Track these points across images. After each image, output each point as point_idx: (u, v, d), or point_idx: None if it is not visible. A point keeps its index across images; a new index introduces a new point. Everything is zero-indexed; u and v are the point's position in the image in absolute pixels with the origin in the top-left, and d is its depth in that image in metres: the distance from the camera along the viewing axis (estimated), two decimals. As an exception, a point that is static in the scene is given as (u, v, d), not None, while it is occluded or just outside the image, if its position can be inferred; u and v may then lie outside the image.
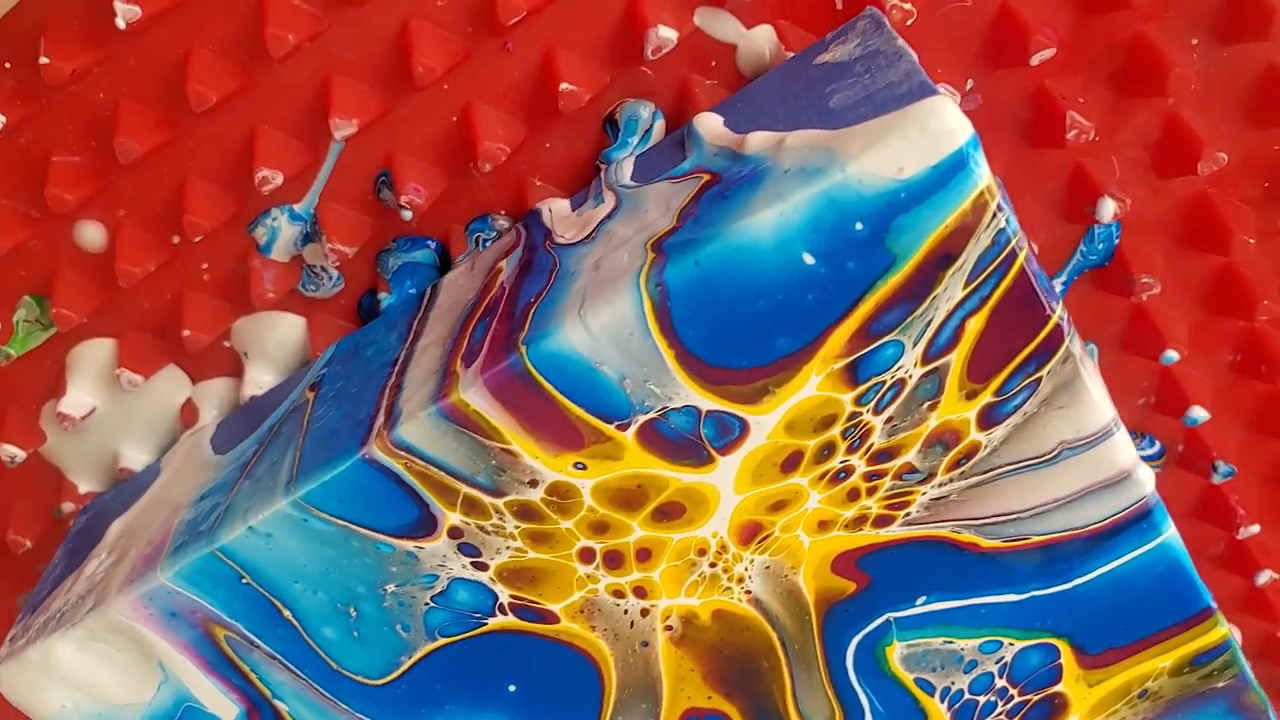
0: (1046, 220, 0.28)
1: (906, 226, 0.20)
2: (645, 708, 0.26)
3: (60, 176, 0.26)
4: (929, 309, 0.21)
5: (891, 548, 0.24)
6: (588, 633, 0.25)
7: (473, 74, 0.26)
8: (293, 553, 0.23)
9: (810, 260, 0.20)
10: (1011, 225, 0.20)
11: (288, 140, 0.26)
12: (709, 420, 0.22)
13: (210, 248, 0.28)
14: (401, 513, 0.23)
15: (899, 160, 0.19)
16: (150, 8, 0.24)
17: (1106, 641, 0.25)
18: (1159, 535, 0.24)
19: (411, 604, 0.24)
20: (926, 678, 0.26)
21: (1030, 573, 0.24)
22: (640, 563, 0.24)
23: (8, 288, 0.28)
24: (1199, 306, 0.30)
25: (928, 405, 0.22)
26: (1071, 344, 0.21)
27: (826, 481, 0.23)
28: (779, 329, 0.21)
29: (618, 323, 0.21)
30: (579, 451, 0.22)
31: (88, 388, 0.29)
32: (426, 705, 0.26)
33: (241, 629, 0.24)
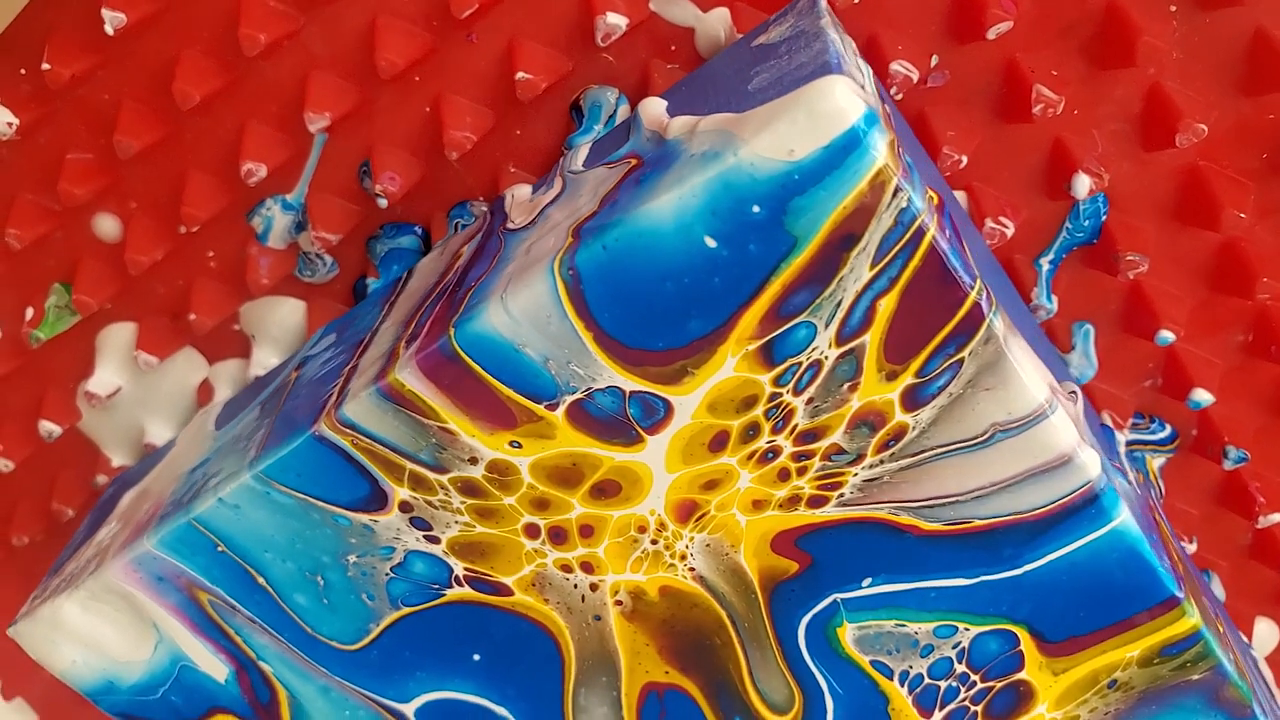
0: (1029, 197, 0.28)
1: (804, 208, 0.20)
2: (606, 681, 0.27)
3: (73, 172, 0.28)
4: (836, 290, 0.21)
5: (829, 528, 0.24)
6: (541, 605, 0.25)
7: (441, 66, 0.27)
8: (260, 524, 0.25)
9: (712, 243, 0.20)
10: (915, 204, 0.20)
11: (272, 134, 0.28)
12: (634, 400, 0.22)
13: (214, 236, 0.29)
14: (354, 487, 0.24)
15: (789, 142, 0.19)
16: (135, 14, 0.26)
17: (1067, 629, 0.25)
18: (1109, 521, 0.23)
19: (373, 574, 0.25)
20: (883, 660, 0.25)
21: (977, 557, 0.24)
22: (584, 539, 0.24)
23: (39, 276, 0.30)
24: (1200, 284, 0.28)
25: (847, 386, 0.22)
26: (993, 323, 0.21)
27: (755, 461, 0.23)
28: (690, 311, 0.21)
29: (535, 306, 0.21)
30: (513, 430, 0.23)
31: (114, 368, 0.31)
32: (397, 671, 0.27)
33: (222, 594, 0.26)
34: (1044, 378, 0.22)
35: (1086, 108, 0.26)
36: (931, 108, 0.27)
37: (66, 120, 0.28)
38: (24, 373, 0.32)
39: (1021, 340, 0.22)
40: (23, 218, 0.29)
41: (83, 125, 0.28)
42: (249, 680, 0.27)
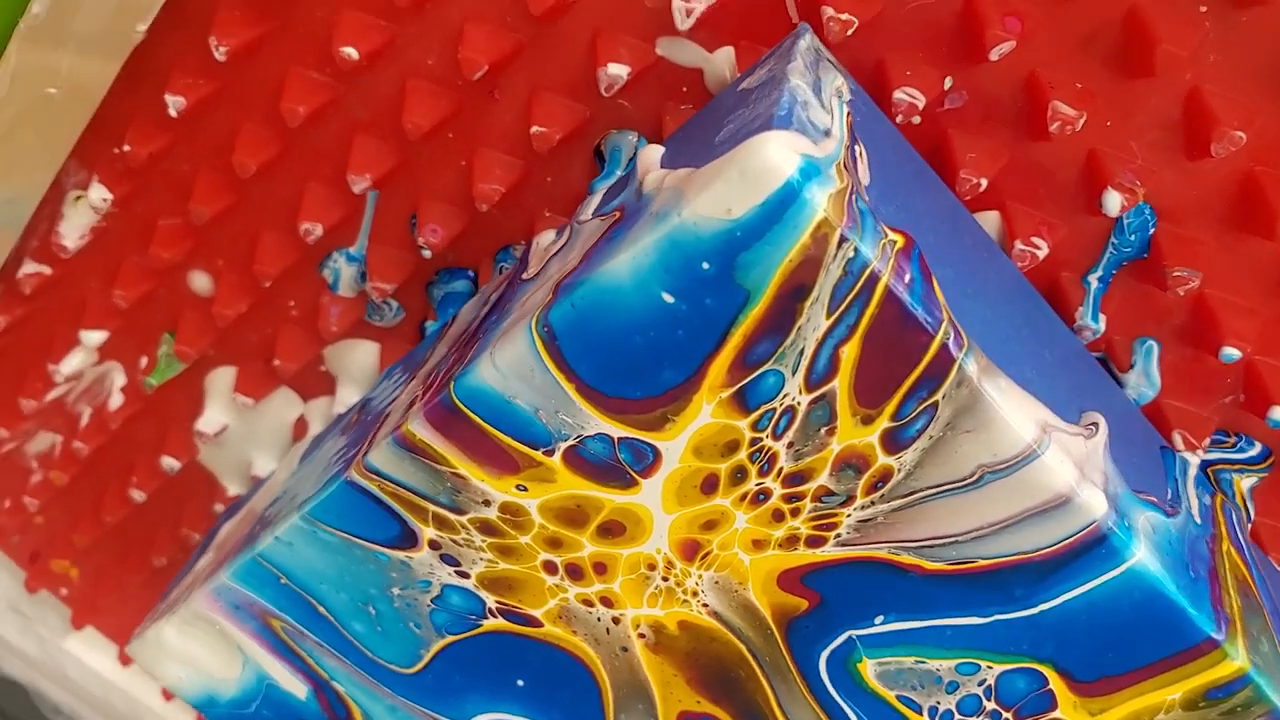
0: (1067, 214, 0.26)
1: (751, 263, 0.20)
2: (642, 708, 0.27)
3: (163, 237, 0.31)
4: (797, 339, 0.21)
5: (832, 567, 0.24)
6: (571, 636, 0.26)
7: (470, 123, 0.28)
8: (312, 559, 0.27)
9: (670, 299, 0.21)
10: (864, 253, 0.20)
11: (328, 194, 0.30)
12: (623, 446, 0.23)
13: (293, 288, 0.32)
14: (386, 527, 0.26)
15: (726, 201, 0.19)
16: (194, 95, 0.28)
17: (1098, 669, 0.24)
18: (1122, 562, 0.22)
19: (416, 604, 0.27)
20: (909, 695, 0.25)
21: (988, 597, 0.23)
22: (599, 575, 0.25)
23: (150, 328, 0.34)
24: (1274, 295, 0.26)
25: (824, 430, 0.22)
26: (964, 366, 0.20)
27: (748, 503, 0.23)
28: (661, 362, 0.22)
29: (518, 361, 0.22)
30: (517, 475, 0.24)
31: (220, 408, 0.34)
32: (452, 694, 0.28)
33: (291, 620, 0.28)
34: (1033, 416, 0.21)
35: (1120, 118, 0.25)
36: (954, 130, 0.26)
37: (155, 192, 0.31)
38: (147, 414, 0.35)
39: (1002, 379, 0.21)
40: (127, 279, 0.32)
41: (169, 195, 0.31)
42: (326, 699, 0.30)
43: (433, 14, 0.27)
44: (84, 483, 0.37)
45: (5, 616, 0.42)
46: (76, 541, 0.38)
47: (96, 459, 0.36)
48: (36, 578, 0.40)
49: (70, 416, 0.36)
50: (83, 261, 0.33)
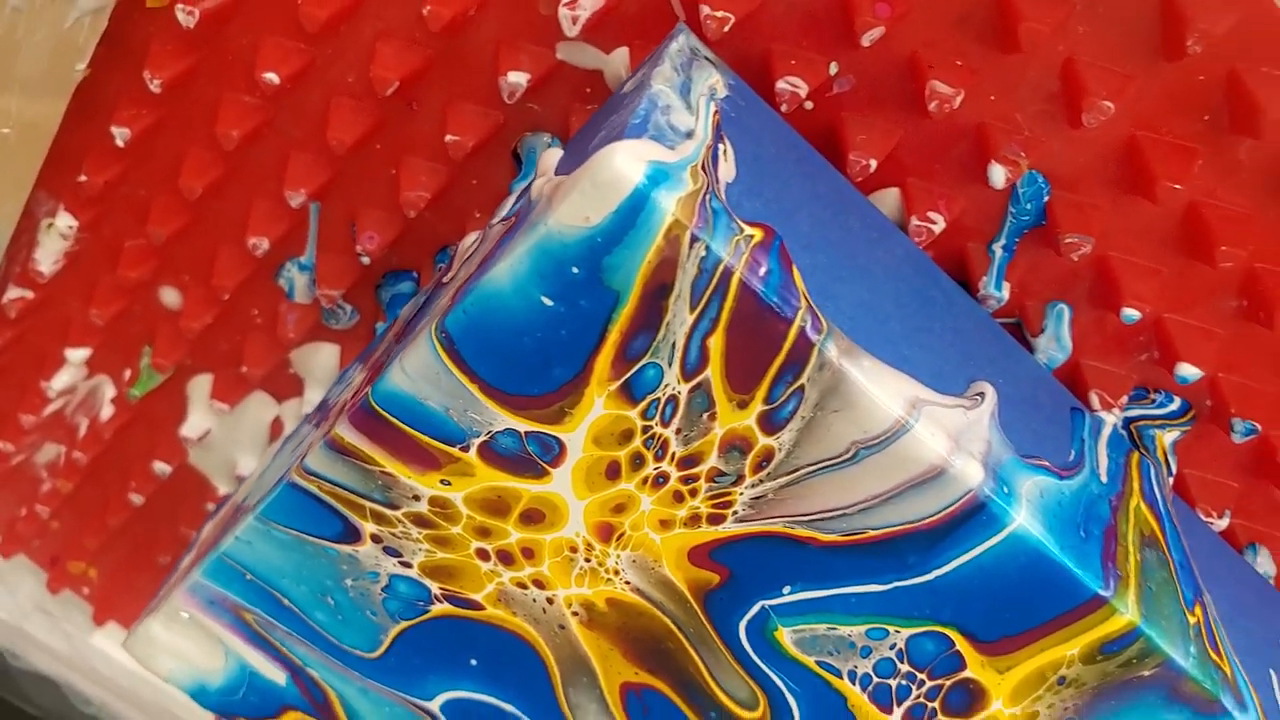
0: (965, 187, 0.27)
1: (615, 266, 0.21)
2: (587, 681, 0.29)
3: (129, 257, 0.33)
4: (667, 334, 0.22)
5: (735, 542, 0.25)
6: (512, 617, 0.28)
7: (394, 134, 0.30)
8: (270, 556, 0.29)
9: (549, 302, 0.22)
10: (715, 251, 0.21)
11: (273, 208, 0.31)
12: (530, 439, 0.24)
13: (255, 297, 0.34)
14: (330, 525, 0.27)
15: (583, 210, 0.21)
16: (138, 126, 0.30)
17: (998, 630, 0.25)
18: (1003, 528, 0.23)
19: (369, 594, 0.29)
20: (828, 661, 0.26)
21: (884, 564, 0.24)
22: (528, 559, 0.27)
23: (129, 342, 0.36)
24: (1174, 254, 0.27)
25: (706, 416, 0.23)
26: (825, 350, 0.21)
27: (650, 486, 0.24)
28: (551, 360, 0.23)
29: (424, 365, 0.24)
30: (439, 471, 0.26)
31: (201, 414, 0.36)
32: (414, 675, 0.30)
33: (260, 613, 0.30)
34: (901, 393, 0.22)
35: (1003, 92, 0.26)
36: (847, 114, 0.27)
37: (117, 216, 0.33)
38: (137, 423, 0.37)
39: (865, 358, 0.22)
40: (102, 298, 0.34)
41: (130, 218, 0.33)
42: (303, 684, 0.32)
43: (347, 35, 0.28)
44: (88, 489, 0.40)
45: (33, 617, 0.45)
46: (88, 544, 0.41)
47: (96, 467, 0.39)
48: (57, 579, 0.43)
49: (70, 428, 0.38)
50: (61, 284, 0.35)
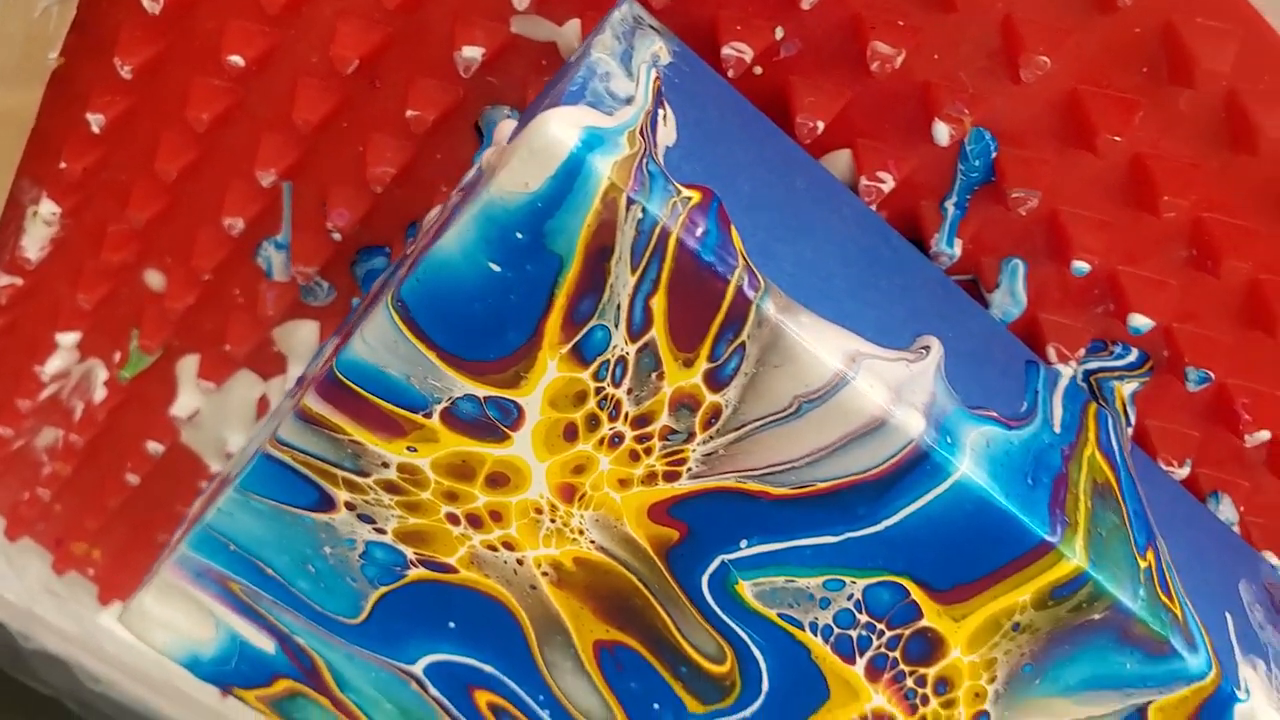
0: (915, 146, 0.27)
1: (557, 230, 0.22)
2: (561, 640, 0.30)
3: (112, 241, 0.34)
4: (611, 296, 0.22)
5: (691, 498, 0.25)
6: (485, 580, 0.29)
7: (359, 112, 0.30)
8: (251, 526, 0.30)
9: (496, 268, 0.23)
10: (652, 212, 0.21)
11: (247, 189, 0.32)
12: (490, 404, 0.25)
13: (236, 277, 0.35)
14: (306, 494, 0.28)
15: (523, 177, 0.21)
16: (112, 112, 0.31)
17: (951, 578, 0.25)
18: (947, 477, 0.23)
19: (347, 561, 0.30)
20: (789, 613, 0.27)
21: (834, 516, 0.25)
22: (496, 522, 0.27)
23: (118, 325, 0.37)
24: (1121, 206, 0.27)
25: (655, 375, 0.23)
26: (762, 307, 0.22)
27: (606, 446, 0.25)
28: (504, 325, 0.23)
29: (383, 334, 0.25)
30: (405, 438, 0.26)
31: (190, 393, 0.37)
32: (395, 640, 0.31)
33: (246, 583, 0.31)
34: (840, 347, 0.23)
35: (946, 50, 0.26)
36: (795, 77, 0.27)
37: (99, 201, 0.34)
38: (129, 404, 0.38)
39: (804, 314, 0.22)
40: (88, 283, 0.35)
41: (112, 203, 0.34)
42: (291, 651, 0.33)
43: (308, 16, 0.29)
44: (86, 471, 0.41)
45: (41, 598, 0.46)
46: (89, 525, 0.42)
47: (93, 449, 0.40)
48: (62, 561, 0.44)
49: (66, 411, 0.39)
50: (49, 270, 0.36)
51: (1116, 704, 0.26)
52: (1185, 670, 0.25)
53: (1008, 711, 0.27)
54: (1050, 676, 0.26)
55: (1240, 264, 0.26)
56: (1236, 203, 0.26)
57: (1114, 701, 0.26)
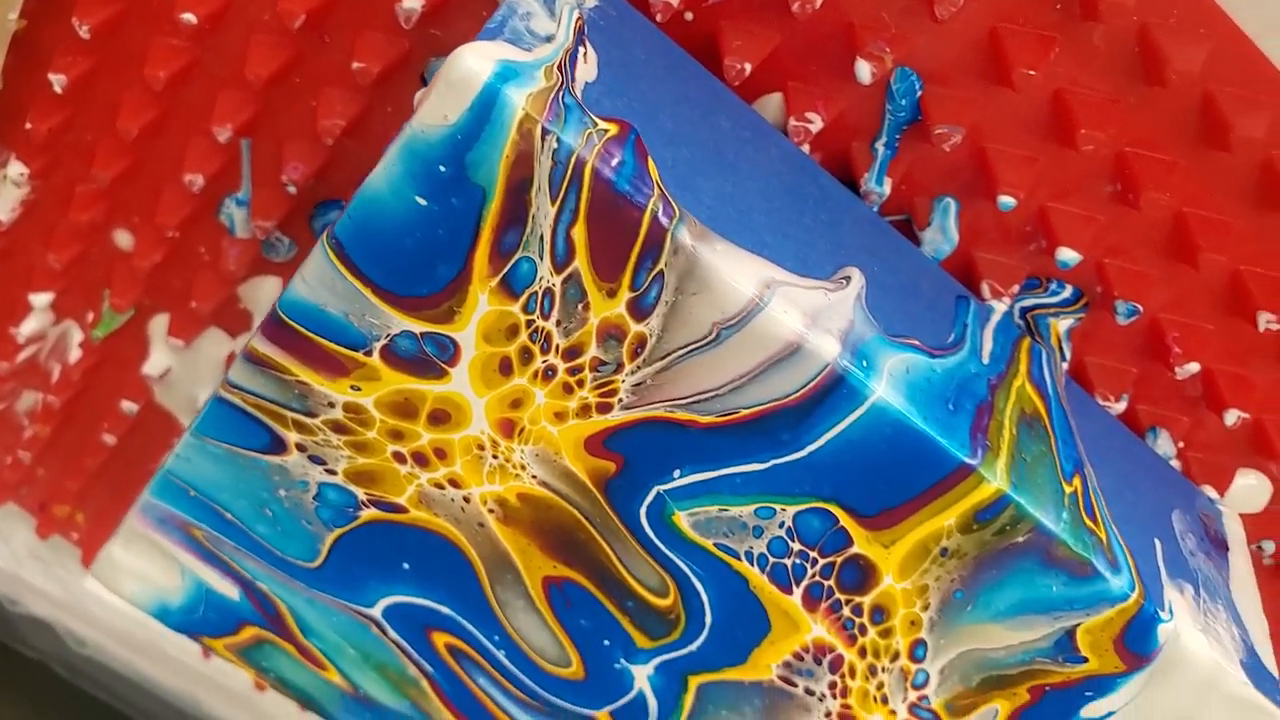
0: (843, 88, 0.28)
1: (478, 162, 0.22)
2: (511, 578, 0.30)
3: (80, 201, 0.35)
4: (534, 227, 0.23)
5: (624, 429, 0.26)
6: (435, 519, 0.30)
7: (310, 67, 0.31)
8: (208, 471, 0.31)
9: (423, 202, 0.23)
10: (567, 142, 0.22)
11: (207, 146, 0.33)
12: (427, 340, 0.26)
13: (201, 235, 0.35)
14: (258, 436, 0.29)
15: (442, 109, 0.22)
16: (73, 73, 0.32)
17: (877, 503, 0.26)
18: (864, 400, 0.24)
19: (302, 503, 0.30)
20: (725, 543, 0.28)
21: (760, 443, 0.25)
22: (441, 460, 0.28)
23: (90, 286, 0.38)
24: (1046, 141, 0.28)
25: (581, 306, 0.24)
26: (677, 234, 0.23)
27: (540, 380, 0.26)
28: (435, 260, 0.24)
29: (321, 273, 0.25)
30: (348, 377, 0.27)
31: (162, 352, 0.38)
32: (353, 582, 0.32)
33: (207, 529, 0.32)
34: (755, 274, 0.23)
35: (869, -12, 0.27)
36: (725, 22, 0.28)
37: (66, 162, 0.35)
38: (104, 365, 0.39)
39: (719, 242, 0.23)
40: (59, 243, 0.36)
41: (78, 163, 0.35)
42: (255, 598, 0.34)
43: (257, -28, 0.30)
44: (65, 433, 0.42)
45: (27, 563, 0.47)
46: (69, 487, 0.43)
47: (70, 410, 0.41)
48: (46, 525, 0.45)
49: (44, 374, 0.40)
50: (21, 231, 0.37)
51: (1046, 628, 0.27)
52: (1108, 591, 0.26)
53: (943, 639, 0.28)
54: (981, 602, 0.27)
55: (1160, 195, 0.27)
56: (1155, 137, 0.27)
57: (1043, 625, 0.27)
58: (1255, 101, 0.26)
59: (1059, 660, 0.28)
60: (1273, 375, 0.30)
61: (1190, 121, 0.26)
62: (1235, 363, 0.30)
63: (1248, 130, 0.26)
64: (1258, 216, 0.28)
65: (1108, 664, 0.27)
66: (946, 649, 0.28)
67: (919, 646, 0.28)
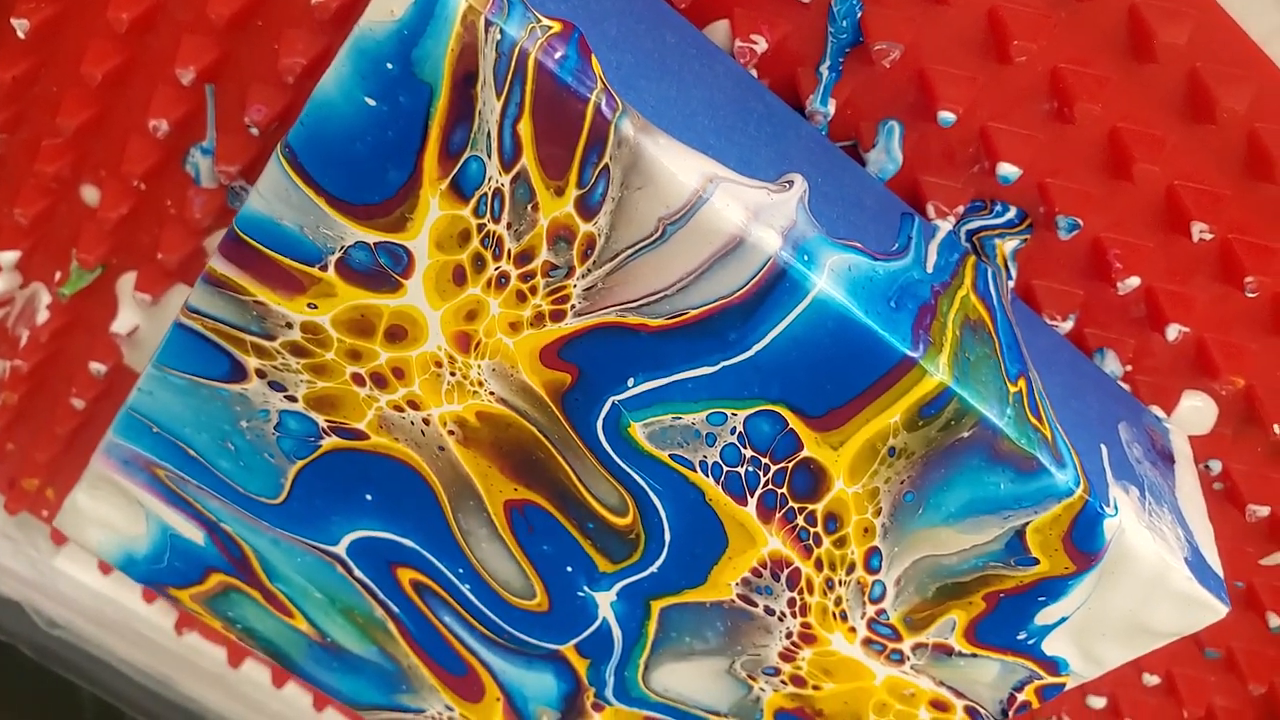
0: (786, 11, 0.29)
1: (423, 58, 0.23)
2: (473, 504, 0.31)
3: (45, 154, 0.36)
4: (481, 123, 0.24)
5: (578, 337, 0.27)
6: (395, 444, 0.30)
7: (273, 9, 0.32)
8: (170, 404, 0.31)
9: (372, 102, 0.24)
10: (510, 34, 0.23)
11: (172, 92, 0.34)
12: (381, 251, 0.26)
13: (167, 187, 0.36)
14: (219, 364, 0.30)
15: (388, 5, 0.23)
16: (36, 18, 0.33)
17: (824, 403, 0.26)
18: (806, 294, 0.25)
19: (263, 434, 0.31)
20: (680, 454, 0.28)
21: (708, 345, 0.26)
22: (399, 380, 0.29)
23: (58, 244, 0.38)
24: (984, 59, 0.29)
25: (531, 207, 0.25)
26: (620, 126, 0.23)
27: (494, 289, 0.26)
28: (385, 164, 0.25)
29: (275, 184, 0.26)
30: (304, 294, 0.28)
31: (130, 310, 0.39)
32: (317, 518, 0.32)
33: (170, 467, 0.32)
34: (697, 168, 0.24)
35: (808, -88, 0.28)
36: (670, -52, 0.29)
37: (33, 114, 0.35)
38: (74, 326, 0.40)
39: (661, 136, 0.24)
40: (26, 199, 0.37)
41: (44, 114, 0.35)
42: (220, 541, 0.34)
43: (216, -86, 0.31)
44: (35, 400, 0.42)
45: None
46: (39, 458, 0.43)
47: (39, 375, 0.41)
48: (15, 500, 0.45)
49: (12, 340, 0.41)
50: (-12, 190, 0.37)
51: (996, 528, 0.28)
52: (1054, 487, 0.27)
53: (897, 546, 0.28)
54: (931, 504, 0.28)
55: (1093, 107, 0.28)
56: (1087, 53, 0.28)
57: (994, 526, 0.28)
58: (1178, 12, 0.27)
59: (1010, 563, 0.28)
60: (1211, 291, 0.31)
61: (1119, 35, 0.27)
62: (1175, 279, 0.31)
63: (1171, 38, 0.27)
64: (1187, 129, 0.28)
65: (1058, 564, 0.28)
66: (901, 557, 0.29)
67: (874, 555, 0.29)
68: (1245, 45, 0.27)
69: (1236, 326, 0.31)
